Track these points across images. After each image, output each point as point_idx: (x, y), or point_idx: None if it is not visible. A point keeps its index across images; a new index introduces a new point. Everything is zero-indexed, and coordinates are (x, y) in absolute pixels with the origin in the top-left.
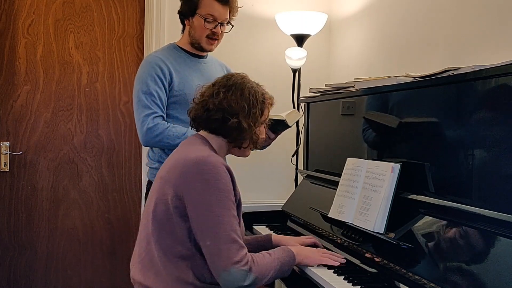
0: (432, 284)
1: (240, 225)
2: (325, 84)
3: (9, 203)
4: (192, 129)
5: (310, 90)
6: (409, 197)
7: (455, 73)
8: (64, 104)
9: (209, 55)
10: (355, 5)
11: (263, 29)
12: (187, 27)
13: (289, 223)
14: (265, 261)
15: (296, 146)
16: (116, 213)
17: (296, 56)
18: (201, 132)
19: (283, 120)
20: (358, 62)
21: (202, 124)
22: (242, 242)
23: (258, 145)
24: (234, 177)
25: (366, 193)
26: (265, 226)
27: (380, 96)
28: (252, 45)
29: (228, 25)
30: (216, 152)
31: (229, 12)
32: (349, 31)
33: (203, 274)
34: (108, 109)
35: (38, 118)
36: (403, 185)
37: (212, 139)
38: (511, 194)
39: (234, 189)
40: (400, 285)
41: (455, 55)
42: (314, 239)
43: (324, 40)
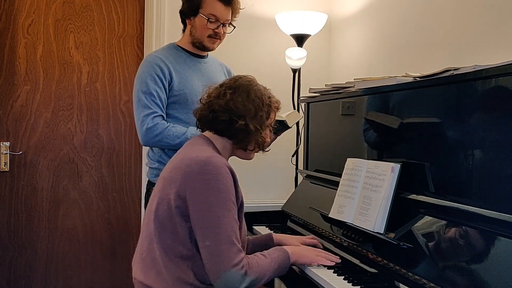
0: (432, 284)
1: (242, 227)
2: (325, 84)
3: (9, 203)
4: (197, 130)
5: (310, 90)
6: (409, 197)
7: (455, 73)
8: (64, 104)
9: (209, 55)
10: (355, 5)
11: (263, 29)
12: (188, 27)
13: (289, 223)
14: (260, 263)
15: (296, 146)
16: (116, 213)
17: (296, 56)
18: (206, 133)
19: (284, 121)
20: (358, 62)
21: (208, 125)
22: (240, 246)
23: (264, 148)
24: (237, 179)
25: (366, 193)
26: (265, 226)
27: (380, 96)
28: (252, 45)
29: (230, 26)
30: (220, 153)
31: (231, 13)
32: (349, 31)
33: (204, 275)
34: (109, 109)
35: (38, 118)
36: (403, 185)
37: (217, 140)
38: (511, 194)
39: (237, 191)
40: (400, 285)
41: (455, 55)
42: (316, 241)
43: (324, 40)
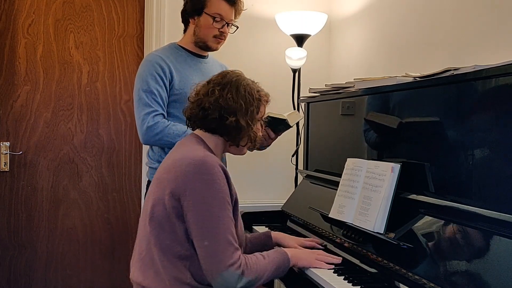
0: (432, 284)
1: (239, 225)
2: (325, 84)
3: (9, 203)
4: (188, 128)
5: (310, 90)
6: (409, 197)
7: (455, 73)
8: (64, 104)
9: (210, 56)
10: (355, 5)
11: (263, 29)
12: (192, 26)
13: (289, 223)
14: (259, 264)
15: (296, 146)
16: (116, 213)
17: (296, 56)
18: (197, 131)
19: (285, 120)
20: (358, 62)
21: (199, 123)
22: (237, 245)
23: (257, 143)
24: (230, 177)
25: (366, 193)
26: (265, 226)
27: (380, 96)
28: (252, 45)
29: (233, 27)
30: (212, 151)
31: (234, 14)
32: (349, 31)
33: (201, 275)
34: (109, 108)
35: (38, 118)
36: (403, 185)
37: (208, 138)
38: (511, 194)
39: (230, 189)
40: (400, 285)
41: (455, 55)
42: (315, 243)
43: (324, 40)
